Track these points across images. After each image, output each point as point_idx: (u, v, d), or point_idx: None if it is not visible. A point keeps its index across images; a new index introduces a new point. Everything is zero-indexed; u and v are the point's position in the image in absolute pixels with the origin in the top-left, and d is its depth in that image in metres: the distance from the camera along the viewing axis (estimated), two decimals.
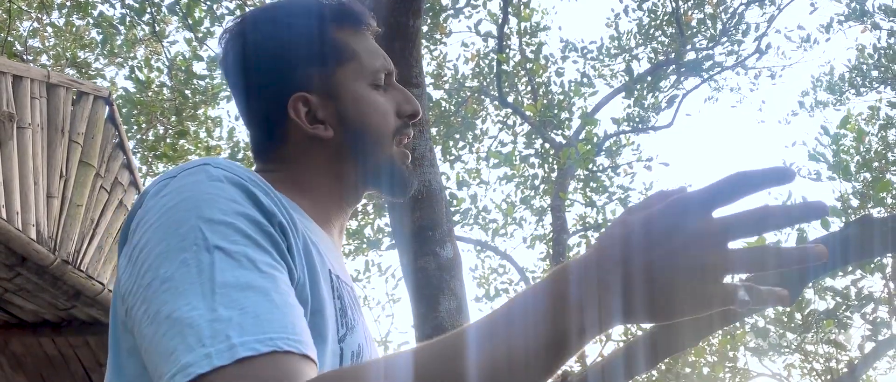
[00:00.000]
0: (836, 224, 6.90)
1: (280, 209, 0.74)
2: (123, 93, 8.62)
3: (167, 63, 8.59)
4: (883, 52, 10.17)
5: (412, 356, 0.61)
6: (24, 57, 8.81)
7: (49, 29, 9.48)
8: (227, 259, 0.65)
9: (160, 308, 0.64)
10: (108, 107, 3.63)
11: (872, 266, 5.75)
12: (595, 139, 8.72)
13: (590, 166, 8.41)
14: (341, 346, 0.78)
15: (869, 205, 8.51)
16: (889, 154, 9.88)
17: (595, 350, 9.13)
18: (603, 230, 0.64)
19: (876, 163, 9.20)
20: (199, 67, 8.41)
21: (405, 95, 0.95)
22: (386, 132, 0.91)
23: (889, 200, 6.94)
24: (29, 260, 3.13)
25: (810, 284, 5.92)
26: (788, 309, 6.15)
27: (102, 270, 3.60)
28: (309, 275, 0.75)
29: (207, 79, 8.34)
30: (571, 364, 7.49)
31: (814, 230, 8.13)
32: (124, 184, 3.78)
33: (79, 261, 3.39)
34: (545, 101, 8.79)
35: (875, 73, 10.44)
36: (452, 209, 7.65)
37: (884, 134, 10.14)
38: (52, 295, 3.51)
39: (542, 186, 9.45)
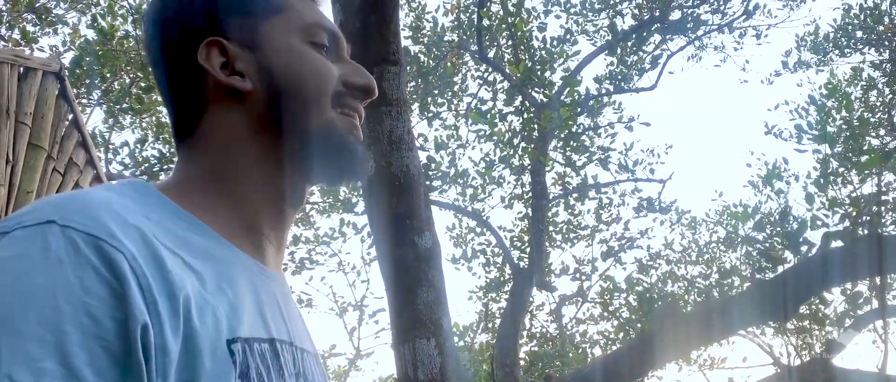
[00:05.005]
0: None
1: (153, 289, 0.56)
2: (85, 43, 8.21)
3: (132, 10, 8.17)
4: (869, 12, 10.03)
5: None
6: None
7: None
8: None
9: None
10: (59, 83, 3.35)
11: None
12: (577, 96, 8.52)
13: (571, 128, 8.24)
14: None
15: (849, 168, 8.47)
16: (870, 115, 9.83)
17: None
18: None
19: (856, 123, 9.14)
20: None
21: (355, 67, 0.78)
22: (322, 90, 0.74)
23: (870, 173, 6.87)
24: None
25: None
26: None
27: None
28: (187, 354, 0.58)
29: None
30: (555, 366, 7.45)
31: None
32: (80, 164, 3.53)
33: None
34: (527, 62, 8.53)
35: (860, 34, 10.31)
36: (430, 173, 7.46)
37: (866, 96, 10.07)
38: None
39: (521, 144, 9.27)
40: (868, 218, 6.29)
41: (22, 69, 3.13)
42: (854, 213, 6.39)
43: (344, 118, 0.76)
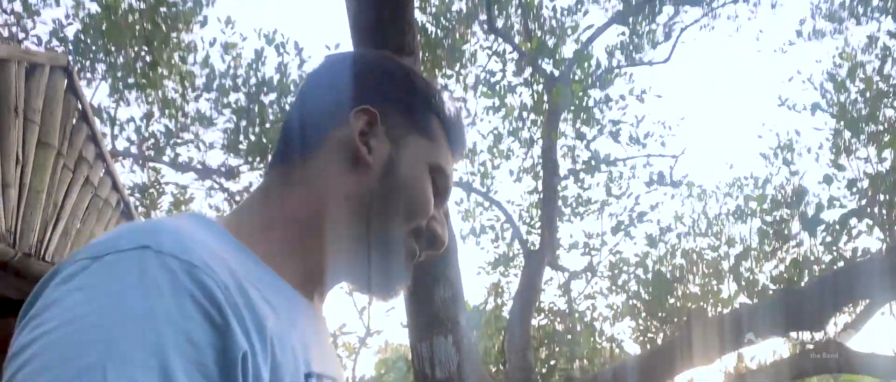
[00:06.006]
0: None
1: (245, 319, 0.58)
2: (89, 16, 8.07)
3: None
4: None
5: None
6: None
7: None
8: None
9: None
10: (67, 78, 3.26)
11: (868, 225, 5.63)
12: (588, 69, 8.38)
13: (583, 101, 8.12)
14: None
15: (861, 138, 8.36)
16: (885, 86, 9.67)
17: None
18: None
19: (869, 93, 9.00)
20: None
21: (443, 220, 0.84)
22: (416, 216, 0.80)
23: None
24: None
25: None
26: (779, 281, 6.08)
27: (70, 255, 3.33)
28: None
29: (178, 5, 7.81)
30: (573, 368, 7.43)
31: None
32: (90, 159, 3.46)
33: (43, 252, 3.11)
34: (537, 32, 8.37)
35: (876, 2, 10.10)
36: None
37: (882, 66, 9.89)
38: (15, 282, 3.26)
39: (530, 116, 9.15)
40: (885, 197, 6.21)
41: (28, 65, 3.04)
42: (870, 192, 6.32)
43: (412, 249, 0.80)
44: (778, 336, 3.85)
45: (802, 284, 6.56)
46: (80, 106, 3.36)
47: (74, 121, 3.36)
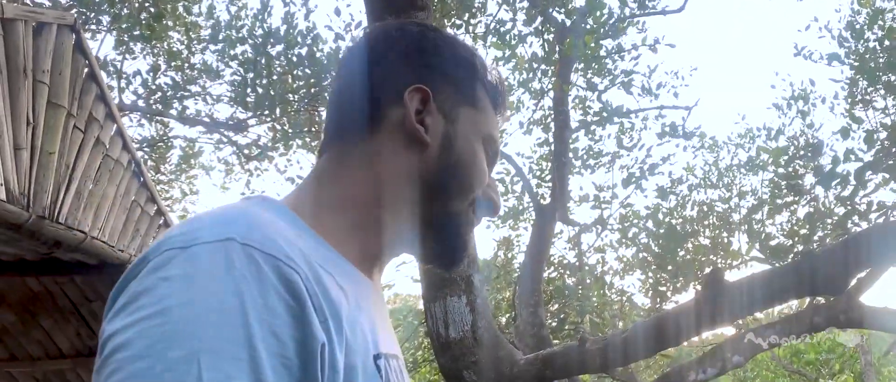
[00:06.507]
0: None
1: (324, 309, 0.60)
2: None
3: None
4: None
5: None
6: None
7: None
8: None
9: None
10: (74, 36, 3.20)
11: (884, 178, 5.56)
12: (600, 18, 8.21)
13: (595, 51, 7.97)
14: None
15: (878, 87, 8.22)
16: None
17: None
18: None
19: (888, 41, 8.80)
20: None
21: (494, 184, 0.87)
22: (474, 186, 0.81)
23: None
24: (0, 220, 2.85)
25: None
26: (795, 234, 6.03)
27: (83, 217, 3.32)
28: (347, 369, 0.63)
29: None
30: (583, 322, 7.44)
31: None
32: (100, 119, 3.42)
33: (56, 213, 3.10)
34: None
35: None
36: None
37: None
38: (30, 244, 3.26)
39: (541, 66, 9.02)
40: None
41: (36, 24, 2.99)
42: (888, 144, 6.23)
43: (471, 220, 0.81)
44: (793, 300, 3.82)
45: (815, 238, 6.53)
46: (88, 64, 3.31)
47: (83, 80, 3.31)
